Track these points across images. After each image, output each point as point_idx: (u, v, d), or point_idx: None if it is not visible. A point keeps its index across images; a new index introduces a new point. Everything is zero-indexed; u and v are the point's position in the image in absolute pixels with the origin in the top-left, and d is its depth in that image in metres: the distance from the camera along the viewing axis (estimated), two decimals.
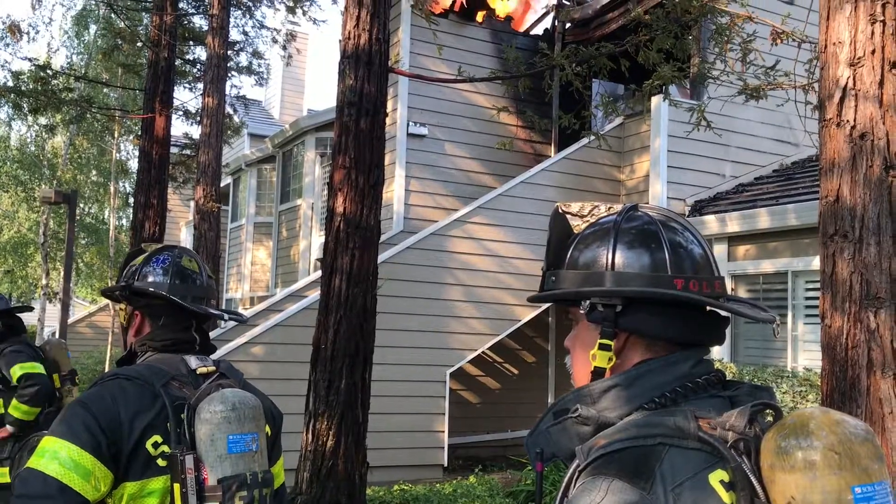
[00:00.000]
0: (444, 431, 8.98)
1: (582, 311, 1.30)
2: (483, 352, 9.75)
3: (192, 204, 21.86)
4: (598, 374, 1.28)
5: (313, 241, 14.19)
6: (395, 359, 8.60)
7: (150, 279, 1.96)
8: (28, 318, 35.67)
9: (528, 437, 1.32)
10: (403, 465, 8.68)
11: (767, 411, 1.18)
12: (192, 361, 1.91)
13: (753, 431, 1.14)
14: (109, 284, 21.46)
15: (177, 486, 1.72)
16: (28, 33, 15.05)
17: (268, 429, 1.93)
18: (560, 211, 1.41)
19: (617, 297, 1.26)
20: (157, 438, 1.76)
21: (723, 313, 1.31)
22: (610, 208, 1.39)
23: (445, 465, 9.01)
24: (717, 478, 1.11)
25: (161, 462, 1.76)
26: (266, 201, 17.63)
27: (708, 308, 1.28)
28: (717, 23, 6.40)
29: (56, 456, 1.66)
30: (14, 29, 14.79)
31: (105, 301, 21.43)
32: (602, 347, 1.27)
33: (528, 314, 9.62)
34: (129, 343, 2.01)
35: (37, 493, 1.63)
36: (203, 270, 2.06)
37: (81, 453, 1.67)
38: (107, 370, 18.49)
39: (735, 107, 8.59)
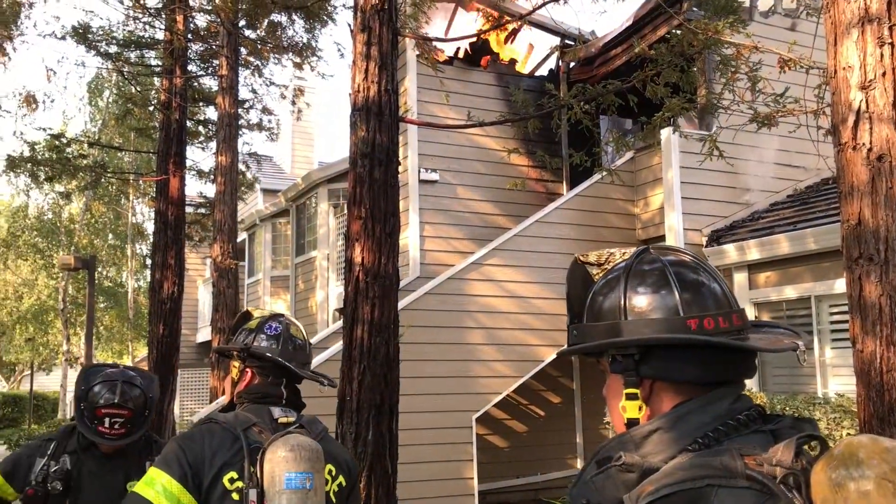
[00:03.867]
0: (473, 478, 8.86)
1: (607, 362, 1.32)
2: (508, 395, 9.66)
3: (208, 262, 22.02)
4: (632, 424, 1.27)
5: (330, 292, 14.21)
6: (419, 406, 8.53)
7: (265, 344, 2.31)
8: (50, 385, 35.72)
9: (573, 487, 1.31)
10: None
11: (812, 443, 1.17)
12: (276, 412, 2.23)
13: (801, 464, 1.12)
14: (130, 346, 21.31)
15: None
16: (44, 102, 15.37)
17: (342, 479, 2.27)
18: (578, 262, 1.42)
19: (633, 347, 1.26)
20: (233, 475, 2.06)
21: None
22: (624, 253, 1.39)
23: None
24: None
25: (235, 496, 2.05)
26: (281, 255, 17.73)
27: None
28: (722, 54, 6.44)
29: (153, 483, 2.02)
30: (30, 100, 15.10)
31: (126, 363, 21.49)
32: (629, 397, 1.27)
33: (552, 354, 9.55)
34: (232, 394, 2.35)
35: None
36: (305, 338, 2.43)
37: (171, 482, 2.02)
38: None
39: (746, 135, 8.60)
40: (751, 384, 8.37)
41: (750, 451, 1.16)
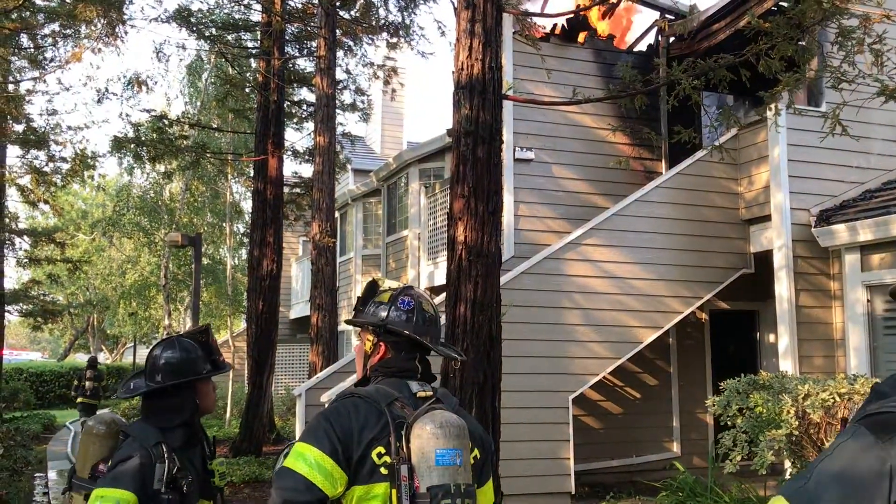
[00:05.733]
0: (569, 458, 8.82)
1: None
2: (603, 376, 9.55)
3: (301, 240, 22.49)
4: None
5: (421, 271, 14.32)
6: (516, 386, 8.52)
7: (398, 318, 2.27)
8: None
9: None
10: (532, 493, 8.56)
11: None
12: (414, 386, 2.21)
13: None
14: (229, 321, 21.96)
15: (394, 492, 2.01)
16: (146, 84, 15.90)
17: (477, 452, 2.21)
18: None
19: None
20: (381, 449, 2.04)
21: None
22: None
23: (573, 492, 8.84)
24: None
25: (383, 470, 2.03)
26: (372, 234, 17.97)
27: None
28: (842, 25, 6.13)
29: (304, 458, 2.01)
30: (139, 83, 15.66)
31: (224, 337, 22.17)
32: None
33: (650, 336, 9.38)
34: (366, 367, 2.33)
35: (289, 486, 1.99)
36: (436, 311, 2.36)
37: (323, 457, 2.01)
38: (229, 405, 18.73)
39: (858, 111, 8.21)
40: (863, 369, 8.05)
41: None
